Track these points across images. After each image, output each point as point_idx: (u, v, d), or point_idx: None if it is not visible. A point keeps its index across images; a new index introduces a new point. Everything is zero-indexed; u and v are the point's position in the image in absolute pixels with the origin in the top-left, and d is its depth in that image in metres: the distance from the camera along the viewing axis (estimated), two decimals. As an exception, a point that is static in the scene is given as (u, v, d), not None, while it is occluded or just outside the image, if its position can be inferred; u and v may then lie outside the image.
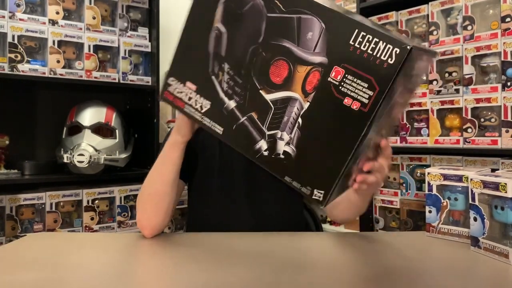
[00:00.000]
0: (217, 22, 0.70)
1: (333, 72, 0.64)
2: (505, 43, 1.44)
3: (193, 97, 0.76)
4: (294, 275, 0.75)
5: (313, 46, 0.65)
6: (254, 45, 0.70)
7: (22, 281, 0.73)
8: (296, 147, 0.70)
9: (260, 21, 0.68)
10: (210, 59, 0.72)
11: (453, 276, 0.76)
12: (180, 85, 0.76)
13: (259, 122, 0.72)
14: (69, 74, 1.84)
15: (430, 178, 1.01)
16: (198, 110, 0.76)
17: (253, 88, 0.71)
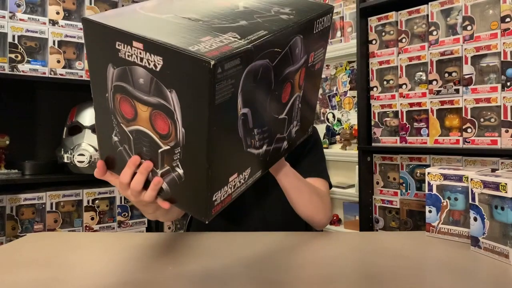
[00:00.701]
0: (241, 110, 0.63)
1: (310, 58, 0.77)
2: (504, 43, 1.44)
3: (237, 181, 0.70)
4: (294, 275, 0.75)
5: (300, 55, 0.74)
6: (270, 95, 0.70)
7: (22, 281, 0.73)
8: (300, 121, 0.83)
9: (270, 75, 0.67)
10: (243, 141, 0.67)
11: (453, 276, 0.76)
12: (224, 188, 0.68)
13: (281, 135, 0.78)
14: (69, 74, 1.84)
15: (430, 178, 1.01)
16: (242, 183, 0.72)
17: (274, 120, 0.75)
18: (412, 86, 1.72)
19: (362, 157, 1.88)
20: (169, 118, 0.59)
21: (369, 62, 1.87)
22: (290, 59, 0.71)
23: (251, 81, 0.62)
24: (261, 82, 0.66)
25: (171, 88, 0.57)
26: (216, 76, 0.53)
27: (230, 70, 0.56)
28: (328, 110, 2.67)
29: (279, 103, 0.73)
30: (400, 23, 1.76)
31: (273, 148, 0.77)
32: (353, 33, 2.32)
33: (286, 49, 0.68)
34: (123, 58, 0.59)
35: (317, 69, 0.82)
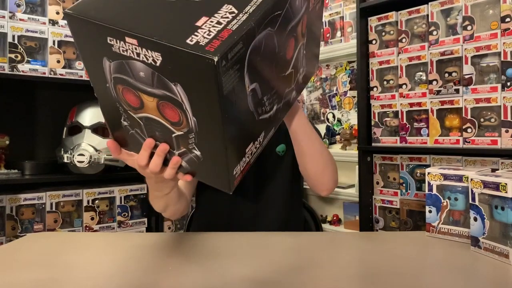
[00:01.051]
0: (249, 88, 0.62)
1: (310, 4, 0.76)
2: (504, 43, 1.44)
3: (253, 149, 0.70)
4: (294, 275, 0.75)
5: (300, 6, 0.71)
6: (275, 60, 0.68)
7: (22, 281, 0.73)
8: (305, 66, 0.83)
9: (273, 41, 0.65)
10: (254, 112, 0.66)
11: (453, 276, 0.76)
12: (243, 160, 0.67)
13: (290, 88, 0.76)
14: (69, 74, 1.84)
15: (430, 178, 1.01)
16: (258, 147, 0.72)
17: (279, 79, 0.73)
18: (412, 86, 1.72)
19: (362, 157, 1.88)
20: (177, 108, 0.58)
21: (369, 62, 1.87)
22: (291, 14, 0.67)
23: (255, 56, 0.60)
24: (266, 52, 0.64)
25: (176, 82, 0.55)
26: (221, 70, 0.51)
27: (234, 58, 0.54)
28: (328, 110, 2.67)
29: (284, 61, 0.71)
30: (400, 23, 1.76)
31: (283, 104, 0.76)
32: (353, 33, 2.32)
33: (286, 7, 0.65)
34: (117, 53, 0.56)
35: (318, 10, 0.79)
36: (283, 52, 0.69)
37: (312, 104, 2.79)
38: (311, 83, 2.78)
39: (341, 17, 2.44)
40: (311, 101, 2.79)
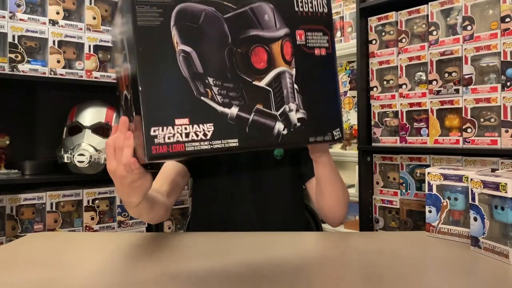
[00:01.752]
0: (179, 46, 0.67)
1: (297, 36, 0.78)
2: (504, 43, 1.44)
3: (191, 130, 0.68)
4: (294, 275, 0.75)
5: (273, 24, 0.75)
6: (227, 47, 0.71)
7: (22, 281, 0.73)
8: (304, 109, 0.78)
9: (221, 25, 0.71)
10: (191, 83, 0.68)
11: (453, 276, 0.76)
12: (168, 128, 0.66)
13: (266, 109, 0.74)
14: (69, 74, 1.84)
15: (430, 178, 1.01)
16: (203, 139, 0.69)
17: (246, 83, 0.73)
18: (412, 86, 1.72)
19: (362, 157, 1.88)
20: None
21: (369, 62, 1.87)
22: (255, 21, 0.74)
23: (189, 20, 0.68)
24: (208, 28, 0.70)
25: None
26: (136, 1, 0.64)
27: (155, 1, 0.65)
28: (328, 110, 2.67)
29: (249, 65, 0.73)
30: (400, 23, 1.76)
31: (253, 120, 0.73)
32: (353, 33, 2.32)
33: (244, 9, 0.73)
34: None
35: (318, 55, 0.81)
36: (244, 51, 0.73)
37: (312, 104, 2.78)
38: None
39: (341, 17, 2.44)
40: (311, 101, 2.79)
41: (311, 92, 0.79)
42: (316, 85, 0.81)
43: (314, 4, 0.80)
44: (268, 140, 0.74)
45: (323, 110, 0.81)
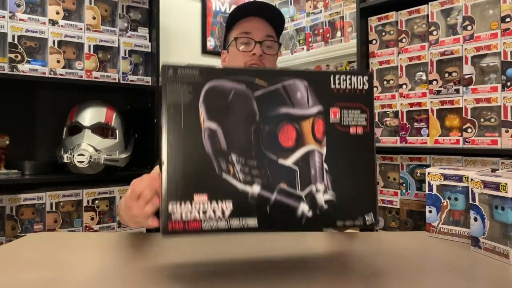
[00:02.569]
0: (205, 123, 0.67)
1: (331, 114, 0.74)
2: (505, 43, 1.44)
3: (209, 207, 0.67)
4: (294, 275, 0.75)
5: (306, 101, 0.73)
6: (253, 125, 0.70)
7: (22, 281, 0.73)
8: (333, 190, 0.73)
9: (249, 103, 0.70)
10: (213, 160, 0.68)
11: (453, 276, 0.76)
12: (186, 205, 0.66)
13: (291, 189, 0.71)
14: (69, 74, 1.84)
15: (430, 178, 1.01)
16: (220, 217, 0.67)
17: (271, 161, 0.70)
18: (412, 86, 1.72)
19: (362, 157, 1.87)
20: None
21: (369, 62, 1.87)
22: (287, 99, 0.72)
23: (218, 98, 0.68)
24: (237, 106, 0.69)
25: None
26: (167, 77, 0.66)
27: (185, 77, 0.66)
28: (328, 110, 2.67)
29: (275, 143, 0.71)
30: (400, 23, 1.76)
31: (276, 200, 0.70)
32: (353, 33, 2.32)
33: (276, 86, 0.71)
34: None
35: (354, 134, 0.75)
36: (271, 129, 0.71)
37: (312, 104, 2.78)
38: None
39: (341, 17, 2.44)
40: (311, 101, 2.79)
41: (342, 173, 0.74)
42: (349, 165, 0.75)
43: (353, 81, 0.76)
44: (290, 223, 0.71)
45: (355, 192, 0.75)
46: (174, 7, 2.58)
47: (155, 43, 2.07)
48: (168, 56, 2.51)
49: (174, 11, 2.58)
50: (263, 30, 1.25)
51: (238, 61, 1.25)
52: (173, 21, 2.57)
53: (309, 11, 2.66)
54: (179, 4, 2.62)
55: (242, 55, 1.24)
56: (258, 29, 1.25)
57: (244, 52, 1.24)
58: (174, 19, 2.58)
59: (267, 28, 1.27)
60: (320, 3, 2.60)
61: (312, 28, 2.62)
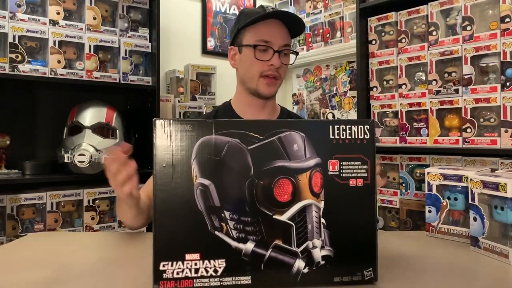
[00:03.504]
0: (197, 179, 0.66)
1: (330, 166, 0.71)
2: (504, 43, 1.44)
3: (201, 265, 0.66)
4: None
5: (303, 154, 0.70)
6: (248, 179, 0.68)
7: (22, 281, 0.74)
8: (331, 246, 0.71)
9: (243, 157, 0.67)
10: (206, 217, 0.66)
11: (453, 276, 0.76)
12: (178, 263, 0.65)
13: (286, 245, 0.69)
14: (69, 74, 1.84)
15: (430, 178, 1.01)
16: (213, 275, 0.66)
17: (266, 217, 0.68)
18: (412, 86, 1.73)
19: (362, 157, 1.88)
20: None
21: (369, 62, 1.87)
22: (282, 152, 0.69)
23: (211, 153, 0.66)
24: (230, 160, 0.66)
25: None
26: (157, 133, 0.66)
27: (177, 132, 0.66)
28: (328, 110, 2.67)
29: (270, 197, 0.69)
30: (400, 23, 1.76)
31: (270, 256, 0.68)
32: (353, 33, 2.32)
33: (271, 139, 0.68)
34: None
35: (354, 186, 0.72)
36: (266, 183, 0.68)
37: (312, 104, 2.79)
38: (311, 83, 2.78)
39: (341, 17, 2.44)
40: (311, 101, 2.79)
41: (341, 227, 0.72)
42: (348, 219, 0.72)
43: (354, 131, 0.72)
44: (285, 280, 0.69)
45: (354, 247, 0.72)
46: (174, 7, 2.58)
47: (156, 43, 2.08)
48: (169, 56, 2.51)
49: (174, 12, 2.58)
50: (281, 37, 1.17)
51: (253, 70, 1.17)
52: (174, 22, 2.58)
53: (309, 11, 2.66)
54: (179, 5, 2.62)
55: (259, 64, 1.16)
56: (277, 37, 1.17)
57: (262, 62, 1.16)
58: (174, 20, 2.58)
59: (285, 35, 1.19)
60: (320, 3, 2.60)
61: (312, 28, 2.62)
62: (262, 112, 1.25)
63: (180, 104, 2.31)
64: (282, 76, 1.20)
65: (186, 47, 2.64)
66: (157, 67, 2.07)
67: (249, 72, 1.19)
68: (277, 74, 1.17)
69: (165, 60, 2.42)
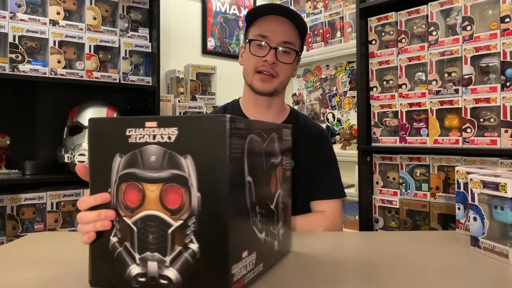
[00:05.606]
0: (246, 176, 0.65)
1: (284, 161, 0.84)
2: (504, 43, 1.44)
3: (248, 264, 0.67)
4: (293, 275, 0.75)
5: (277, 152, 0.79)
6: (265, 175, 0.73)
7: (22, 281, 0.74)
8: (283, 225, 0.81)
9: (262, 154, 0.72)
10: (250, 212, 0.66)
11: (453, 276, 0.76)
12: (239, 265, 0.63)
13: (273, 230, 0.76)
14: (69, 74, 1.84)
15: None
16: (253, 268, 0.68)
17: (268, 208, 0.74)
18: (412, 86, 1.73)
19: (362, 157, 1.88)
20: (182, 187, 0.61)
21: (369, 62, 1.87)
22: (273, 149, 0.75)
23: (251, 151, 0.66)
24: (257, 158, 0.69)
25: (186, 154, 0.60)
26: (230, 130, 0.59)
27: (238, 130, 0.62)
28: (328, 110, 2.67)
29: (269, 190, 0.74)
30: (400, 24, 1.76)
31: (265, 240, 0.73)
32: (353, 33, 2.32)
33: (269, 138, 0.74)
34: (133, 143, 0.62)
35: (288, 177, 0.85)
36: (267, 178, 0.73)
37: (312, 104, 2.79)
38: (311, 83, 2.79)
39: (341, 17, 2.44)
40: (311, 101, 2.79)
41: (284, 210, 0.82)
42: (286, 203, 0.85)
43: (288, 133, 0.85)
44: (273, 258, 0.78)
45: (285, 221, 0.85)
46: (174, 7, 2.58)
47: (156, 44, 2.08)
48: (169, 56, 2.51)
49: (175, 12, 2.59)
50: (281, 33, 1.13)
51: (249, 65, 1.16)
52: (174, 22, 2.58)
53: (309, 11, 2.66)
54: (179, 5, 2.62)
55: (254, 60, 1.14)
56: (276, 32, 1.13)
57: (256, 57, 1.13)
58: (174, 20, 2.58)
59: (288, 32, 1.14)
60: (320, 3, 2.60)
61: (312, 28, 2.62)
62: (268, 112, 1.22)
63: (180, 104, 2.31)
64: (281, 74, 1.16)
65: (186, 47, 2.64)
66: (157, 67, 2.07)
67: (246, 67, 1.18)
68: (272, 71, 1.14)
69: (165, 60, 2.42)
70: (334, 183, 1.24)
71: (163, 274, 0.63)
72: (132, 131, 0.62)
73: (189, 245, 0.61)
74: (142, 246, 0.64)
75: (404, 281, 0.73)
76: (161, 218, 0.62)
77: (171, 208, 0.62)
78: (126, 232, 0.65)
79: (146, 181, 0.63)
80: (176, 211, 0.62)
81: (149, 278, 0.64)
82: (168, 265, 0.63)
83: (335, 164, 1.27)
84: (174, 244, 0.62)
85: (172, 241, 0.62)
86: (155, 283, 0.63)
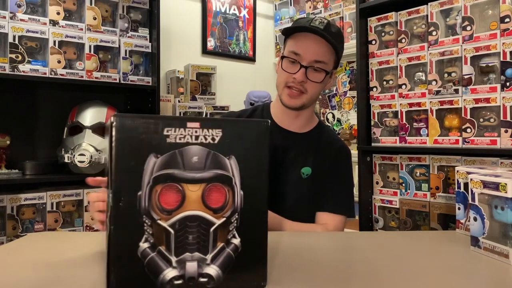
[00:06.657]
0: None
1: None
2: (504, 43, 1.44)
3: None
4: (293, 275, 0.75)
5: None
6: None
7: (22, 281, 0.74)
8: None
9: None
10: None
11: (453, 276, 0.76)
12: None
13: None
14: (69, 74, 1.84)
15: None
16: None
17: None
18: (412, 86, 1.73)
19: (361, 157, 1.88)
20: (225, 186, 0.63)
21: (369, 62, 1.87)
22: None
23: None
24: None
25: (230, 155, 0.63)
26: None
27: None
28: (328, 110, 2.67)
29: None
30: (400, 24, 1.76)
31: None
32: (352, 33, 2.32)
33: None
34: (172, 143, 0.61)
35: None
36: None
37: (312, 104, 2.79)
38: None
39: (341, 17, 2.44)
40: (311, 101, 2.79)
41: None
42: None
43: None
44: None
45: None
46: (174, 7, 2.58)
47: (156, 44, 2.08)
48: (169, 56, 2.51)
49: (175, 12, 2.59)
50: (313, 52, 1.14)
51: (280, 79, 1.20)
52: (174, 22, 2.58)
53: (309, 11, 2.66)
54: (179, 5, 2.62)
55: (285, 75, 1.18)
56: (309, 51, 1.14)
57: (287, 73, 1.17)
58: (174, 20, 2.58)
59: (321, 51, 1.15)
60: (320, 3, 2.60)
61: (312, 28, 2.62)
62: (294, 122, 1.27)
63: (180, 104, 2.31)
64: (309, 90, 1.17)
65: (186, 47, 2.64)
66: (157, 67, 2.07)
67: (278, 80, 1.22)
68: (301, 88, 1.16)
69: (165, 60, 2.42)
70: (343, 200, 1.25)
71: (203, 273, 0.64)
72: (171, 130, 0.61)
73: (231, 240, 0.64)
74: (180, 248, 0.63)
75: (404, 281, 0.73)
76: (203, 218, 0.63)
77: (214, 207, 0.63)
78: (161, 235, 0.62)
79: (186, 182, 0.62)
80: (219, 209, 0.63)
81: (187, 279, 0.64)
82: (209, 262, 0.64)
83: (350, 183, 1.30)
84: (216, 242, 0.64)
85: (214, 239, 0.64)
86: (193, 283, 0.64)
